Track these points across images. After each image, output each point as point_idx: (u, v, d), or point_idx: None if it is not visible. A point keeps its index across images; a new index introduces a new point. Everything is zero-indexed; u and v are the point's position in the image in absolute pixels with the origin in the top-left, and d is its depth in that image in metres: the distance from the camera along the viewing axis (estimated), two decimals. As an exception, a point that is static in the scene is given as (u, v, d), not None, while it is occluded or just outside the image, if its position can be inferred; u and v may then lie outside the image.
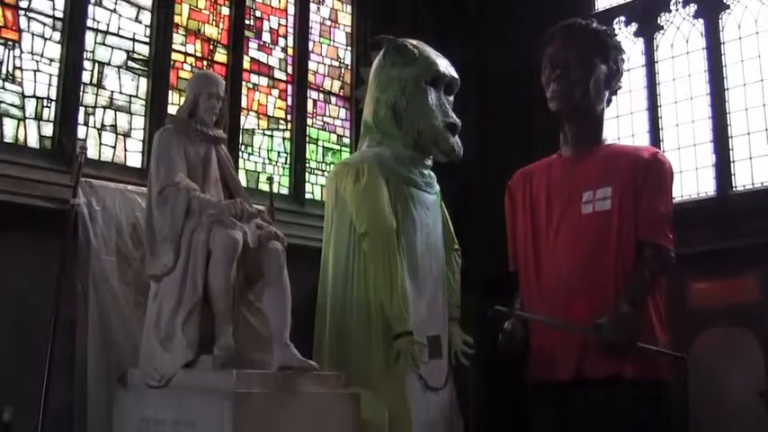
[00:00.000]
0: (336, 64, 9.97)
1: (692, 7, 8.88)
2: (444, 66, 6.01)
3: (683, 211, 6.85)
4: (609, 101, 4.56)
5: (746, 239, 7.66)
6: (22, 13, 7.50)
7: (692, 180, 8.62)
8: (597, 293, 4.08)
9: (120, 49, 8.09)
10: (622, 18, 9.45)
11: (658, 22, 9.14)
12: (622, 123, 9.11)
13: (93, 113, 7.79)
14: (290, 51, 9.51)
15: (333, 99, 9.85)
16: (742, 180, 8.34)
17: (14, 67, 7.36)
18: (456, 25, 9.98)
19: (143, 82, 8.17)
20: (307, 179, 9.26)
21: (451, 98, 6.10)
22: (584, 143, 4.42)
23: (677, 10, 9.02)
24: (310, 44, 9.69)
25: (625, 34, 9.28)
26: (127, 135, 7.98)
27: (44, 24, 7.61)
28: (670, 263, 4.09)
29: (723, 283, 7.87)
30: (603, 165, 4.30)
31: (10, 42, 7.38)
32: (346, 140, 9.77)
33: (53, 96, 7.52)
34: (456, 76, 5.90)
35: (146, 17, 8.32)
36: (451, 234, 6.17)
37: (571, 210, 4.28)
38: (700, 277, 7.83)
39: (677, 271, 4.29)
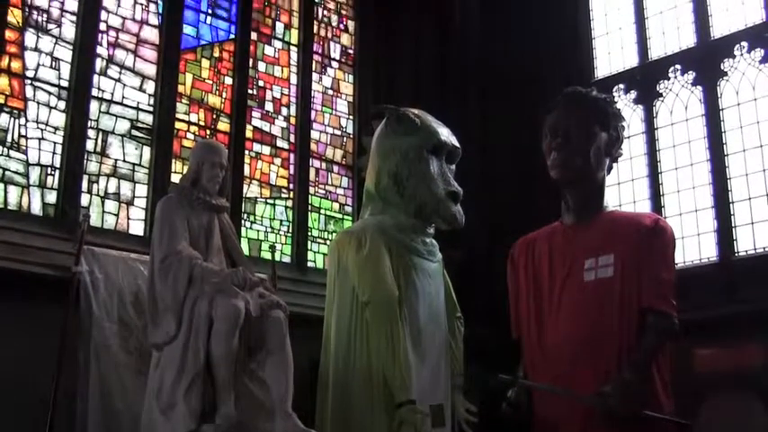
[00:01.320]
0: (338, 133, 10.03)
1: (691, 75, 8.96)
2: (446, 135, 6.01)
3: (686, 277, 6.84)
4: (610, 168, 4.56)
5: (750, 305, 7.63)
6: (28, 82, 7.60)
7: (694, 246, 8.62)
8: (601, 361, 4.04)
9: (124, 117, 8.17)
10: (622, 86, 9.52)
11: (657, 89, 9.21)
12: (623, 190, 9.14)
13: (97, 181, 7.84)
14: (292, 120, 9.59)
15: (335, 168, 9.90)
16: (744, 245, 8.34)
17: (20, 136, 7.43)
18: (457, 94, 10.05)
19: (146, 150, 8.24)
20: (309, 247, 9.28)
21: (453, 167, 6.09)
22: (585, 211, 4.40)
23: (676, 77, 9.09)
24: (312, 113, 9.77)
25: (625, 102, 9.35)
26: (130, 203, 8.02)
27: (49, 93, 7.70)
28: (674, 329, 4.06)
29: (728, 349, 7.84)
30: (605, 232, 4.28)
31: (15, 111, 7.46)
32: (348, 209, 9.80)
33: (57, 164, 7.58)
34: (458, 144, 5.91)
35: (150, 86, 8.41)
36: (454, 302, 6.13)
37: (573, 277, 4.25)
38: (704, 343, 7.79)
39: (682, 337, 4.26)
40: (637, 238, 4.15)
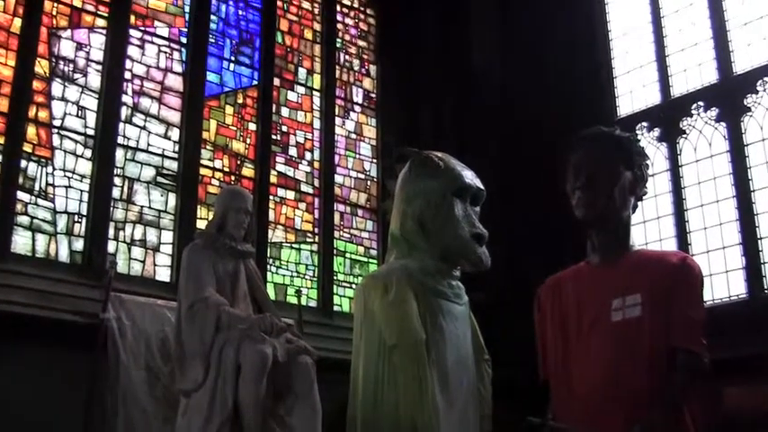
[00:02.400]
0: (362, 177, 10.06)
1: (714, 111, 8.90)
2: (470, 177, 5.99)
3: (716, 315, 6.78)
4: (635, 207, 4.52)
5: (782, 341, 7.54)
6: (55, 131, 7.70)
7: (722, 283, 8.54)
8: (630, 402, 3.99)
9: (149, 165, 8.24)
10: (645, 124, 9.48)
11: (681, 126, 9.16)
12: (649, 229, 9.08)
13: (123, 228, 7.89)
14: (316, 165, 9.62)
15: (359, 212, 9.91)
16: (773, 281, 8.27)
17: (47, 184, 7.51)
18: (478, 135, 10.06)
19: (172, 197, 8.29)
20: (335, 291, 9.27)
21: (478, 209, 6.07)
22: (611, 250, 4.37)
23: (699, 114, 9.04)
24: (336, 158, 9.81)
25: (648, 140, 9.31)
26: (156, 250, 8.06)
27: (76, 142, 7.79)
28: (704, 369, 4.01)
29: (758, 387, 7.74)
30: (632, 271, 4.24)
31: (43, 160, 7.55)
32: (373, 252, 9.80)
33: (84, 212, 7.65)
34: (482, 186, 5.90)
35: (174, 133, 8.49)
36: (481, 344, 6.08)
37: (601, 317, 4.22)
38: (736, 382, 7.69)
39: (712, 376, 4.22)
40: (664, 276, 4.12)
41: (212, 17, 9.19)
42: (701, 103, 9.06)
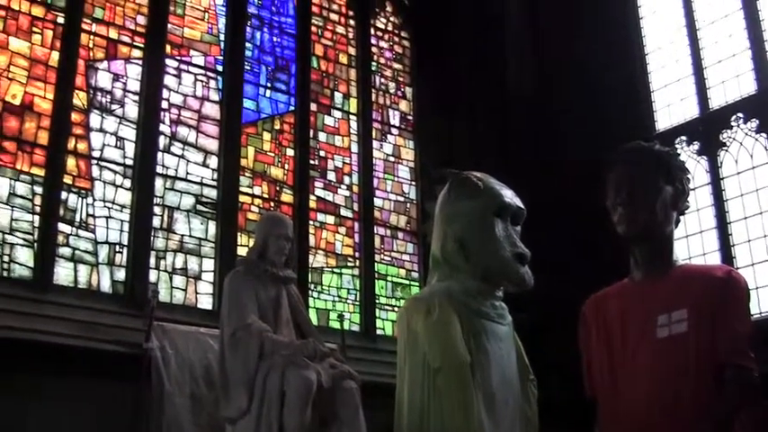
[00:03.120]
0: (402, 199, 10.04)
1: (754, 123, 8.79)
2: (510, 196, 5.93)
3: (763, 328, 6.67)
4: (677, 222, 4.46)
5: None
6: (94, 162, 7.75)
7: (768, 296, 8.43)
8: (678, 419, 3.92)
9: (188, 193, 8.27)
10: (684, 138, 9.38)
11: (720, 139, 9.06)
12: (692, 243, 8.97)
13: (164, 257, 7.92)
14: (355, 189, 9.61)
15: (400, 234, 9.88)
16: (821, 292, 8.14)
17: (87, 215, 7.56)
18: (517, 155, 10.01)
19: (212, 225, 8.32)
20: (377, 315, 9.23)
21: (518, 228, 6.02)
22: (655, 266, 4.30)
23: (738, 126, 8.93)
24: (375, 181, 9.80)
25: (688, 153, 9.21)
26: (197, 278, 8.07)
27: (115, 172, 7.85)
28: (754, 384, 3.93)
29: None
30: (677, 287, 4.17)
31: (83, 191, 7.61)
32: (415, 275, 9.76)
33: (125, 242, 7.69)
34: (522, 206, 5.85)
35: (213, 161, 8.52)
36: (526, 365, 6.02)
37: (646, 334, 4.15)
38: (780, 398, 7.57)
39: (762, 390, 4.14)
40: (709, 291, 4.06)
41: (247, 45, 9.24)
42: (740, 115, 8.95)
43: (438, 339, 5.45)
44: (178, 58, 8.70)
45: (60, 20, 7.99)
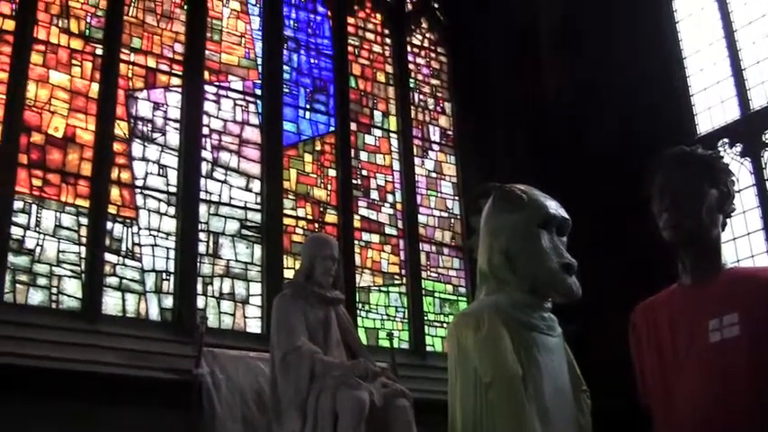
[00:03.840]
0: (446, 215, 10.00)
1: (796, 121, 8.70)
2: (554, 207, 5.88)
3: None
4: (724, 225, 4.40)
5: None
6: (137, 191, 7.79)
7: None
8: (734, 423, 3.86)
9: (232, 218, 8.29)
10: (726, 140, 9.26)
11: (763, 139, 8.94)
12: (740, 246, 8.84)
13: (211, 283, 7.93)
14: (398, 207, 9.59)
15: (445, 250, 9.83)
16: None
17: (133, 244, 7.59)
18: (558, 166, 9.93)
19: (257, 248, 8.32)
20: (426, 332, 9.17)
21: (564, 239, 5.96)
22: (703, 270, 4.24)
23: (781, 125, 8.84)
24: (418, 198, 9.77)
25: (731, 156, 9.08)
26: (245, 302, 8.07)
27: (159, 200, 7.88)
28: (810, 386, 3.86)
29: None
30: (727, 290, 4.10)
31: (128, 220, 7.65)
32: (462, 290, 9.70)
33: (171, 269, 7.72)
34: (567, 216, 5.79)
35: (255, 185, 8.54)
36: (578, 375, 5.95)
37: (698, 340, 4.08)
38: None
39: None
40: (761, 293, 3.99)
41: (285, 67, 9.27)
42: (782, 114, 8.85)
43: (488, 353, 5.40)
44: (217, 83, 8.74)
45: (99, 51, 8.06)
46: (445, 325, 9.04)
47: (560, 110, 10.20)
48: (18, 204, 7.20)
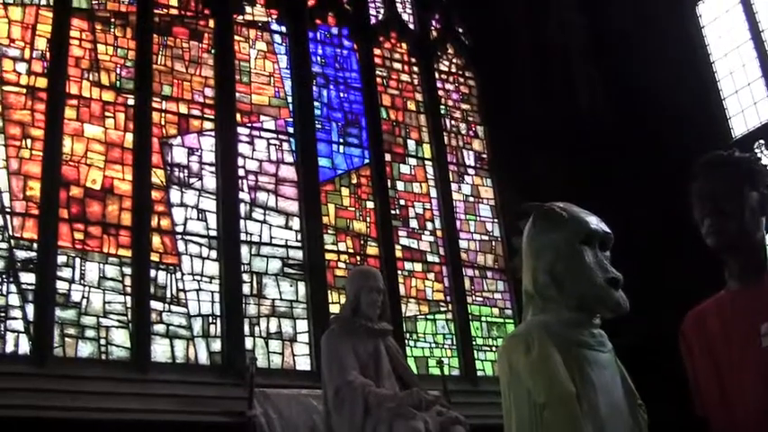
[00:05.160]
0: (486, 238, 9.97)
1: (831, 117, 8.62)
2: (595, 223, 5.83)
3: None
4: (767, 227, 4.35)
5: None
6: (178, 237, 7.84)
7: None
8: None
9: (274, 257, 8.31)
10: (762, 141, 9.18)
11: (800, 137, 8.88)
12: (781, 247, 8.74)
13: (258, 323, 7.94)
14: (438, 233, 9.57)
15: (489, 273, 9.80)
16: None
17: (178, 290, 7.62)
18: (596, 179, 9.86)
19: (301, 286, 8.34)
20: (476, 357, 9.12)
21: (608, 253, 5.90)
22: (750, 274, 4.18)
23: (817, 123, 8.75)
24: (458, 223, 9.75)
25: (768, 157, 9.03)
26: (293, 340, 8.08)
27: (200, 245, 7.92)
28: None
29: None
30: (775, 293, 4.05)
31: (171, 267, 7.69)
32: (509, 312, 9.64)
33: (217, 312, 7.74)
34: (608, 230, 5.73)
35: (295, 223, 8.56)
36: (632, 390, 5.87)
37: (750, 345, 4.03)
38: None
39: None
40: (811, 294, 3.94)
41: (315, 103, 9.31)
42: (816, 110, 8.76)
43: (541, 374, 5.35)
44: (249, 124, 8.80)
45: (130, 102, 8.16)
46: (494, 348, 9.00)
47: (595, 124, 10.16)
48: (62, 259, 7.27)
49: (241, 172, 8.45)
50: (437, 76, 10.55)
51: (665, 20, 10.01)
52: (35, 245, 7.21)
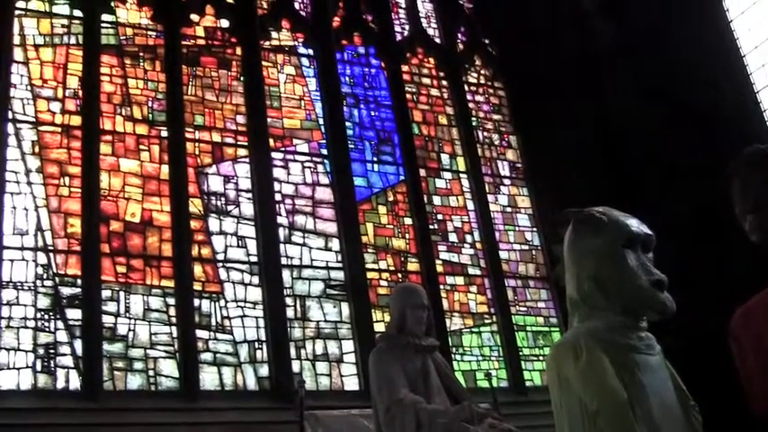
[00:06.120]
0: (526, 248, 9.93)
1: None
2: (636, 225, 5.79)
3: None
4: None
5: None
6: (220, 265, 7.87)
7: None
8: None
9: (316, 279, 8.33)
10: (798, 132, 9.12)
11: (836, 128, 8.80)
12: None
13: (304, 346, 7.96)
14: (478, 246, 9.55)
15: (531, 283, 9.75)
16: None
17: (222, 317, 7.64)
18: (634, 183, 9.81)
19: (345, 306, 8.35)
20: (524, 367, 9.07)
21: (651, 255, 5.86)
22: (796, 269, 4.15)
23: None
24: (497, 234, 9.72)
25: (805, 148, 8.93)
26: (339, 361, 8.08)
27: (242, 271, 7.94)
28: None
29: None
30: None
31: (214, 295, 7.73)
32: (553, 320, 9.58)
33: (263, 337, 7.76)
34: (650, 232, 5.69)
35: (335, 244, 8.58)
36: (684, 391, 5.82)
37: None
38: None
39: None
40: None
41: (347, 124, 9.33)
42: None
43: (592, 381, 5.30)
44: (283, 149, 8.85)
45: (164, 134, 8.24)
46: (542, 358, 8.95)
47: (628, 126, 10.11)
48: (106, 293, 7.34)
49: (278, 196, 8.48)
50: (466, 88, 10.56)
51: (692, 15, 9.95)
52: (79, 281, 7.29)
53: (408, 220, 9.20)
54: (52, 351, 6.94)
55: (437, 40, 10.69)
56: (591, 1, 10.82)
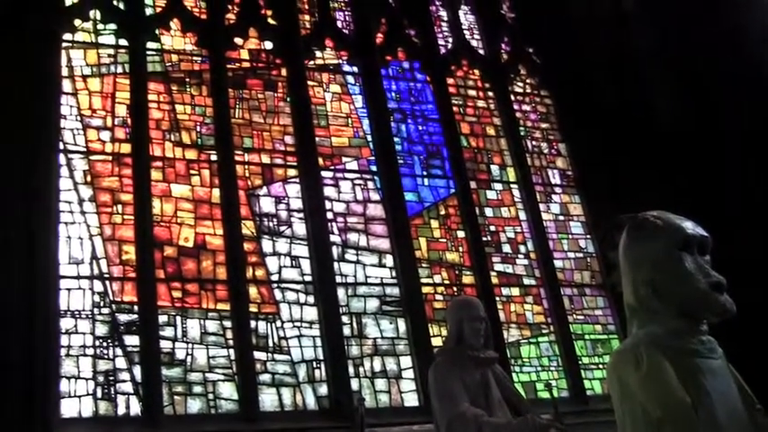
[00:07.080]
0: (581, 255, 9.85)
1: None
2: (691, 227, 5.70)
3: None
4: None
5: None
6: (274, 286, 7.89)
7: None
8: None
9: (371, 296, 8.33)
10: None
11: None
12: None
13: (362, 363, 7.95)
14: (532, 256, 9.49)
15: (587, 290, 9.67)
16: None
17: (279, 338, 7.66)
18: (684, 185, 9.70)
19: (401, 322, 8.32)
20: (584, 376, 8.98)
21: (708, 257, 5.77)
22: None
23: None
24: (550, 243, 9.66)
25: None
26: (398, 377, 8.05)
27: (297, 291, 7.96)
28: None
29: None
30: None
31: (270, 316, 7.75)
32: (612, 327, 9.49)
33: (321, 357, 7.76)
34: (706, 234, 5.61)
35: (388, 260, 8.58)
36: (749, 394, 5.72)
37: None
38: None
39: None
40: None
41: (395, 139, 9.33)
42: None
43: (654, 388, 5.22)
44: (332, 167, 8.87)
45: (213, 157, 8.29)
46: (601, 366, 8.87)
47: (678, 128, 10.02)
48: (163, 318, 7.39)
49: (329, 215, 8.51)
50: (513, 98, 10.52)
51: (733, 11, 9.86)
52: (136, 307, 7.35)
53: (461, 233, 9.17)
54: (112, 378, 7.00)
55: (481, 52, 10.67)
56: (631, 1, 10.73)
